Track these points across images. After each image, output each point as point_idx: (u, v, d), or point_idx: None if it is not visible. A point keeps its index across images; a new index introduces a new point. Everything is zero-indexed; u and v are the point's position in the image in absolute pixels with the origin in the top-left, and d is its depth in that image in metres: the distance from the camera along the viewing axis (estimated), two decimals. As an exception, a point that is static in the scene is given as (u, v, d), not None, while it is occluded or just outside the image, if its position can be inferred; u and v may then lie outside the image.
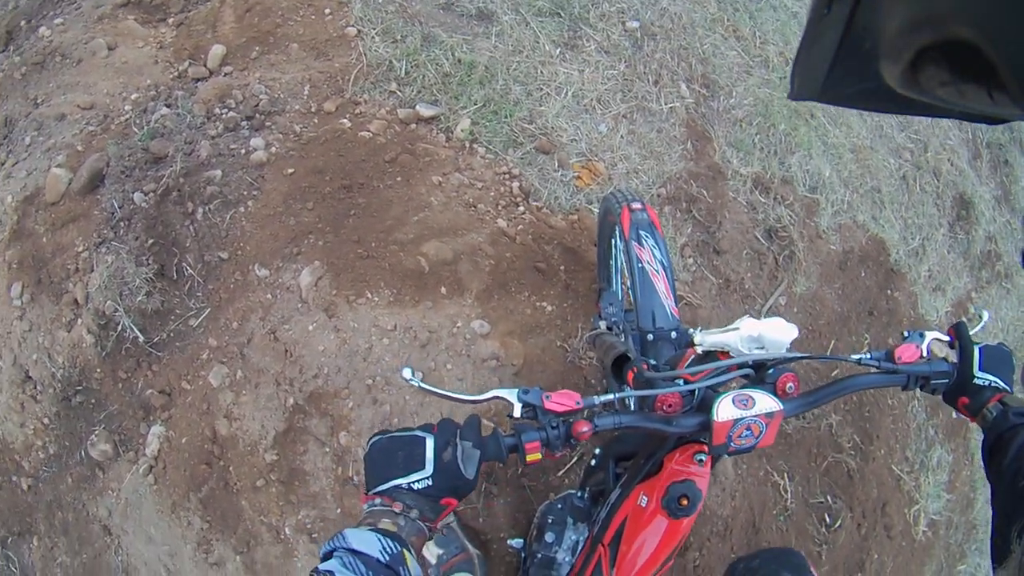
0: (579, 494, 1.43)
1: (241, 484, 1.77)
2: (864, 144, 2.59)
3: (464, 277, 1.76)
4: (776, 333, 0.90)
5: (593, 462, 1.41)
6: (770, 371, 0.94)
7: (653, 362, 1.03)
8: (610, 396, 0.88)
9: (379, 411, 1.69)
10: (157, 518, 1.90)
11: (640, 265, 1.38)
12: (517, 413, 0.83)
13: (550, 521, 1.41)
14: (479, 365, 1.74)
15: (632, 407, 0.98)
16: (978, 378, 0.96)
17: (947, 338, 1.01)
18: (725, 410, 0.87)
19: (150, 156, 1.98)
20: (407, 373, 0.83)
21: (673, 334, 1.35)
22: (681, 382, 0.94)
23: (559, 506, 1.43)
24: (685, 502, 0.95)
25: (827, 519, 2.28)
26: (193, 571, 1.89)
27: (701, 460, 0.96)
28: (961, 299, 2.86)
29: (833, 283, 2.37)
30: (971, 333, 1.01)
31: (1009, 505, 0.83)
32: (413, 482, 0.77)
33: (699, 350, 0.99)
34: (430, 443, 0.80)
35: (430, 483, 0.77)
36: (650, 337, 1.35)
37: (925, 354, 0.98)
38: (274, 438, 1.69)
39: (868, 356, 0.96)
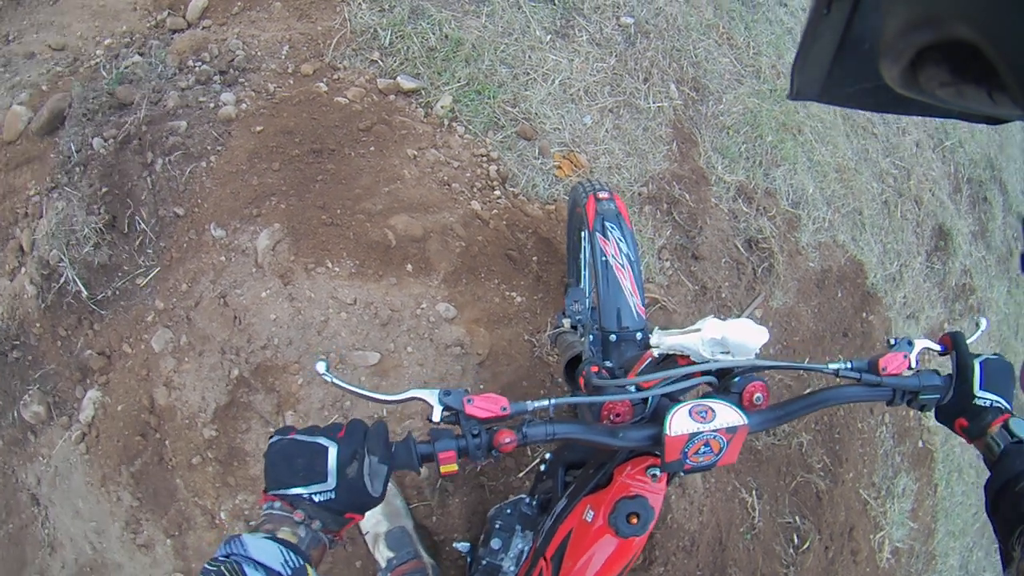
0: (528, 500, 1.35)
1: (177, 460, 1.65)
2: (849, 165, 2.58)
3: (432, 256, 1.68)
4: (742, 336, 0.80)
5: (543, 468, 1.33)
6: (736, 379, 0.84)
7: (609, 364, 0.92)
8: (544, 403, 0.78)
9: (330, 391, 1.59)
10: (86, 491, 1.77)
11: (604, 259, 1.26)
12: (437, 417, 0.74)
13: (498, 526, 1.32)
14: (442, 351, 1.66)
15: (580, 415, 0.89)
16: (979, 398, 0.86)
17: (939, 347, 0.92)
18: (680, 423, 0.77)
19: (115, 101, 1.88)
20: (320, 367, 0.75)
21: (639, 335, 1.24)
22: (634, 389, 0.84)
23: (508, 511, 1.34)
24: (635, 520, 0.86)
25: (795, 540, 2.23)
26: (119, 551, 1.76)
27: (655, 475, 0.87)
28: (934, 329, 2.85)
29: (810, 300, 2.34)
30: (968, 342, 0.91)
31: (1013, 516, 0.77)
32: (314, 493, 0.71)
33: (656, 353, 0.90)
34: (332, 453, 0.72)
35: (332, 496, 0.71)
36: (613, 338, 1.23)
37: (914, 365, 0.88)
38: (214, 412, 1.58)
39: (848, 366, 0.86)
